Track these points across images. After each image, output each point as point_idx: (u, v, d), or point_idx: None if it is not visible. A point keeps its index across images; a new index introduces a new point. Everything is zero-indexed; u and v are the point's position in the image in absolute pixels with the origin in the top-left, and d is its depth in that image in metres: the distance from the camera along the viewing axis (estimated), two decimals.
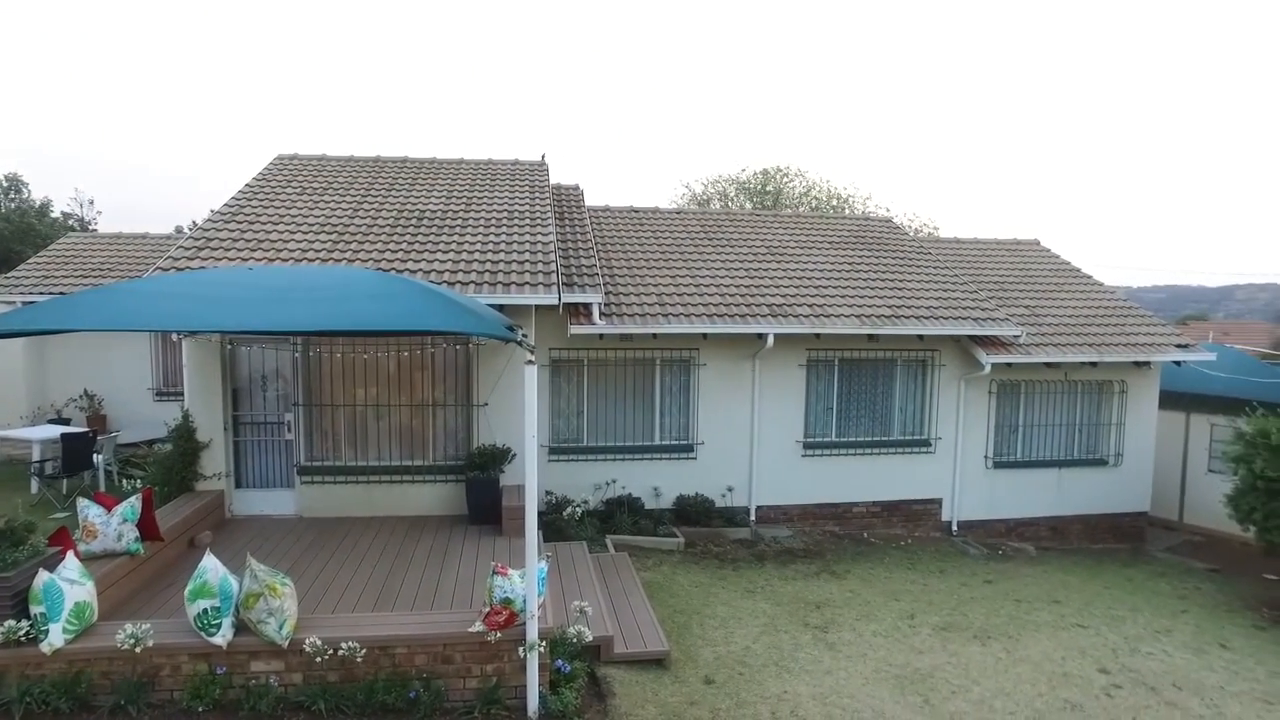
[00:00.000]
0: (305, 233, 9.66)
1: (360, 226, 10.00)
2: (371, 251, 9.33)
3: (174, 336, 12.04)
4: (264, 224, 9.83)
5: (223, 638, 5.29)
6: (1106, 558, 12.09)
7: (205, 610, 5.28)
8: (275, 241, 9.34)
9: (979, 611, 8.89)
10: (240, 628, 5.40)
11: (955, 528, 12.25)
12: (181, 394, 9.41)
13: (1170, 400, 13.86)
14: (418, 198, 11.18)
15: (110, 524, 6.48)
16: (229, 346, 8.96)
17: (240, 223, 9.80)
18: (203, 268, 8.43)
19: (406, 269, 8.96)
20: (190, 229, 18.02)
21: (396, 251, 9.41)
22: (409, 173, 12.24)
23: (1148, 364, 12.80)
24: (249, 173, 11.33)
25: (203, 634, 5.29)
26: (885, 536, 11.68)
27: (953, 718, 6.41)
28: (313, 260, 8.94)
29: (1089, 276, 15.18)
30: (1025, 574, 10.62)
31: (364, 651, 5.39)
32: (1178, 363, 12.93)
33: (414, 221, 10.33)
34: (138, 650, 5.22)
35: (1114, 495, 13.02)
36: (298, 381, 9.13)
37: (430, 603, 6.61)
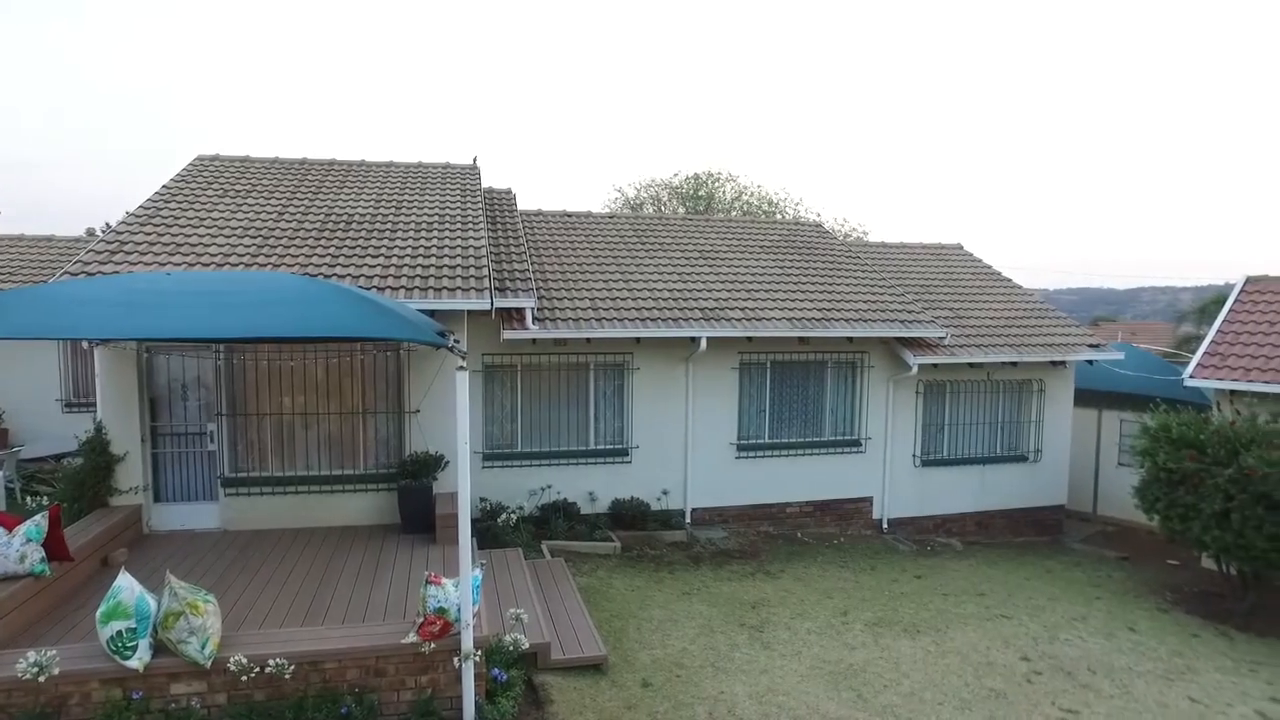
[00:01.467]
0: (228, 236, 9.33)
1: (286, 230, 9.72)
2: (298, 256, 9.07)
3: (84, 344, 11.47)
4: (183, 227, 9.47)
5: (139, 660, 5.04)
6: (1028, 550, 12.57)
7: (119, 632, 5.02)
8: (195, 245, 9.01)
9: (909, 606, 9.14)
10: (159, 649, 5.17)
11: (886, 525, 12.57)
12: (94, 405, 8.96)
13: (1084, 398, 14.52)
14: (346, 201, 10.93)
15: (11, 545, 6.11)
16: (146, 355, 8.59)
17: (158, 225, 9.41)
18: (116, 273, 8.07)
19: (334, 274, 8.74)
20: (103, 231, 17.22)
21: (324, 256, 9.17)
22: (336, 176, 11.95)
23: (1063, 363, 13.38)
24: (166, 175, 10.88)
25: (116, 658, 5.03)
26: (819, 535, 11.91)
27: (885, 710, 6.58)
28: (236, 265, 8.64)
29: (1009, 280, 15.78)
30: (952, 568, 10.96)
31: (292, 668, 5.23)
32: (1090, 362, 13.56)
33: (342, 225, 10.09)
34: (41, 680, 4.90)
35: (1034, 490, 13.56)
36: (221, 390, 8.81)
37: (362, 615, 6.46)
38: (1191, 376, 11.45)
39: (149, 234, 9.13)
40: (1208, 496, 9.39)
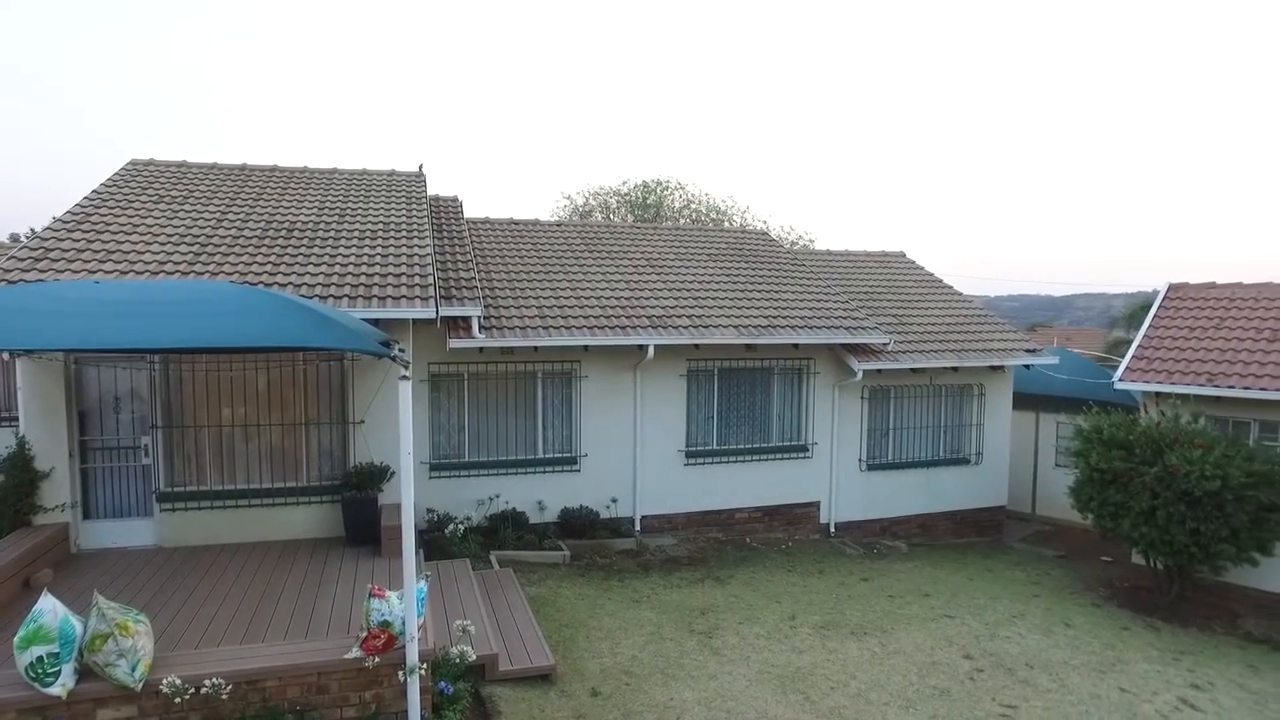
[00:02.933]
0: (163, 244, 9.06)
1: (225, 238, 9.48)
2: (237, 264, 8.85)
3: (3, 355, 11.01)
4: (115, 233, 9.15)
5: (61, 687, 4.79)
6: (970, 551, 12.89)
7: (40, 658, 4.75)
8: (128, 252, 8.72)
9: (856, 608, 9.29)
10: (85, 673, 4.94)
11: (833, 529, 12.75)
12: (16, 419, 8.60)
13: (1022, 401, 14.97)
14: (288, 208, 10.70)
15: None
16: (74, 365, 8.28)
17: (87, 231, 9.08)
18: (41, 280, 7.76)
19: (275, 283, 8.55)
20: (28, 237, 16.56)
21: (265, 265, 8.97)
22: (278, 182, 11.70)
23: (1002, 368, 13.77)
24: (96, 180, 10.43)
25: (36, 685, 4.77)
26: (767, 540, 12.03)
27: (832, 712, 6.67)
28: (171, 273, 8.39)
29: (950, 287, 16.19)
30: (898, 570, 11.18)
31: (229, 687, 5.09)
32: (1027, 366, 13.98)
33: (284, 233, 9.88)
34: None
35: (976, 492, 13.91)
36: (156, 402, 8.53)
37: (305, 630, 6.31)
38: (1121, 379, 11.88)
39: (77, 240, 8.81)
40: (1136, 495, 9.77)
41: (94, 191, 10.34)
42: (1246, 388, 10.47)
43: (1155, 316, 12.71)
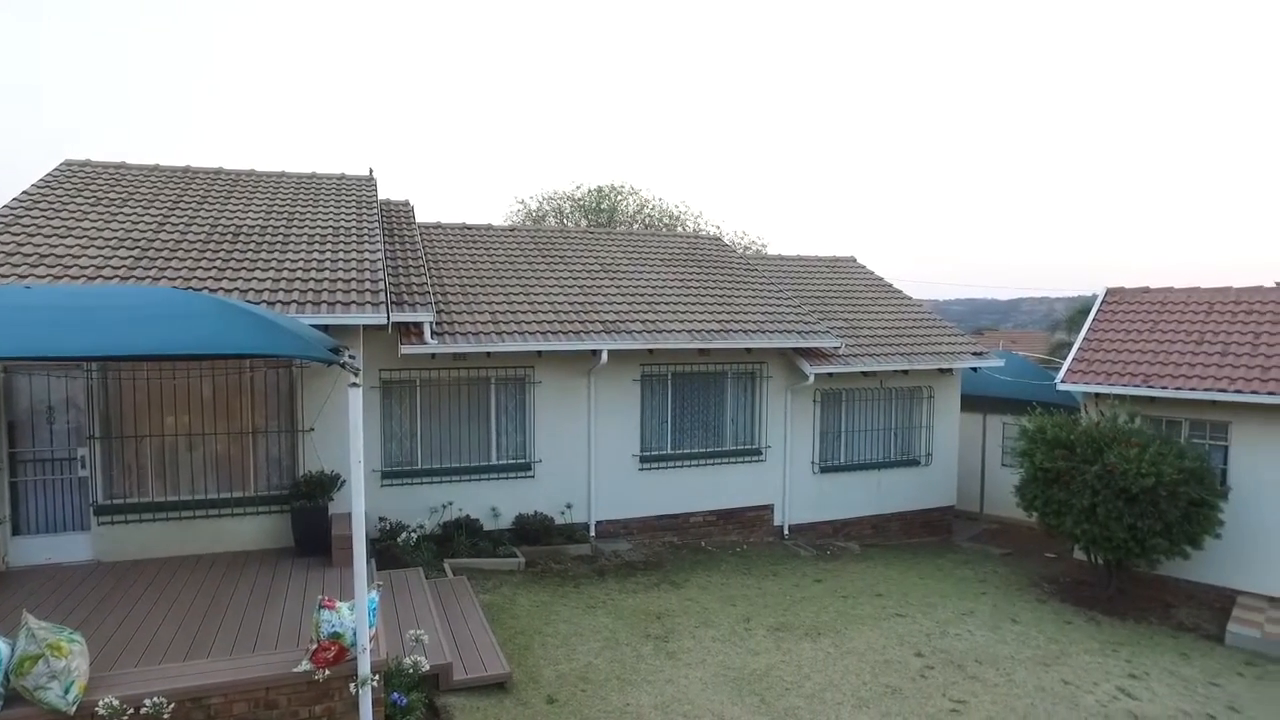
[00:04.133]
0: (100, 248, 8.77)
1: (167, 242, 9.21)
2: (180, 270, 8.62)
3: None
4: (48, 236, 8.83)
5: None
6: (921, 550, 13.14)
7: None
8: (63, 257, 8.42)
9: (809, 610, 9.40)
10: (12, 698, 4.72)
11: (787, 531, 12.89)
12: None
13: (970, 403, 15.32)
14: (233, 212, 10.45)
15: None
16: (2, 375, 7.96)
17: (17, 234, 8.75)
18: None
19: (220, 289, 8.34)
20: None
21: (209, 270, 8.75)
22: (223, 185, 11.42)
23: (950, 370, 14.08)
24: (26, 181, 9.98)
25: None
26: (722, 544, 12.11)
27: (787, 713, 6.73)
28: (109, 279, 8.12)
29: (899, 291, 16.50)
30: (851, 571, 11.34)
31: (172, 706, 4.93)
32: (975, 369, 14.32)
33: (229, 237, 9.65)
34: None
35: (926, 492, 14.19)
36: (93, 412, 8.24)
37: (252, 644, 6.15)
38: (1063, 381, 12.24)
39: (6, 244, 8.48)
40: (1078, 492, 10.07)
41: (24, 193, 9.97)
42: (1178, 388, 10.88)
43: (1094, 320, 13.13)
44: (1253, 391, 10.29)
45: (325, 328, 7.85)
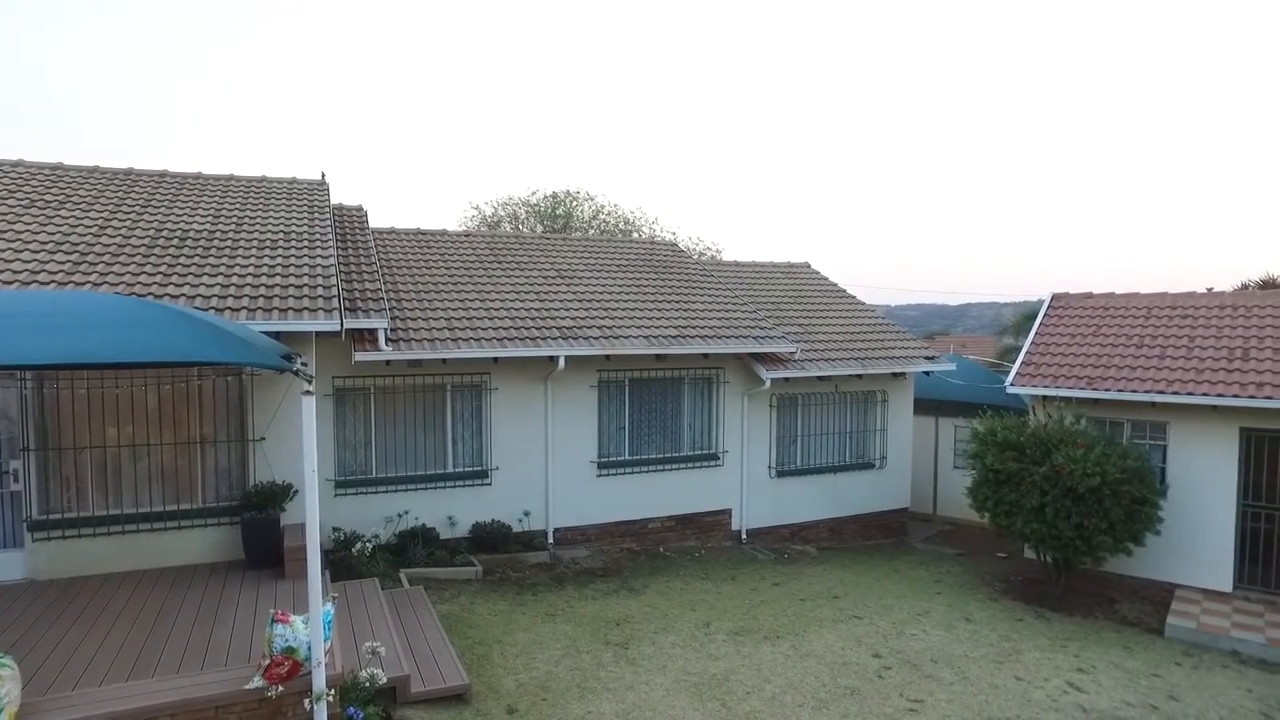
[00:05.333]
0: (35, 251, 8.45)
1: (109, 246, 8.91)
2: (123, 275, 8.34)
3: None
4: None
5: None
6: (877, 552, 13.32)
7: None
8: None
9: (768, 613, 9.45)
10: None
11: (745, 536, 12.96)
12: None
13: (922, 407, 15.60)
14: (180, 216, 10.16)
15: None
16: None
17: None
18: None
19: (167, 294, 8.10)
20: None
21: (154, 275, 8.49)
22: (169, 188, 11.10)
23: (903, 374, 14.33)
24: None
25: None
26: (680, 549, 12.12)
27: (748, 717, 6.75)
28: (46, 283, 7.83)
29: (853, 296, 16.75)
30: (809, 574, 11.44)
31: None
32: (927, 373, 14.59)
33: (175, 242, 9.38)
34: None
35: (881, 495, 14.40)
36: (28, 422, 7.92)
37: (201, 662, 5.96)
38: (1011, 384, 12.53)
39: None
40: (1027, 493, 10.31)
41: None
42: (1120, 390, 11.22)
43: (1040, 325, 13.48)
44: (1188, 393, 10.66)
45: (277, 335, 7.67)
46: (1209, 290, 13.45)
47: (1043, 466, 10.20)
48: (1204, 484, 10.86)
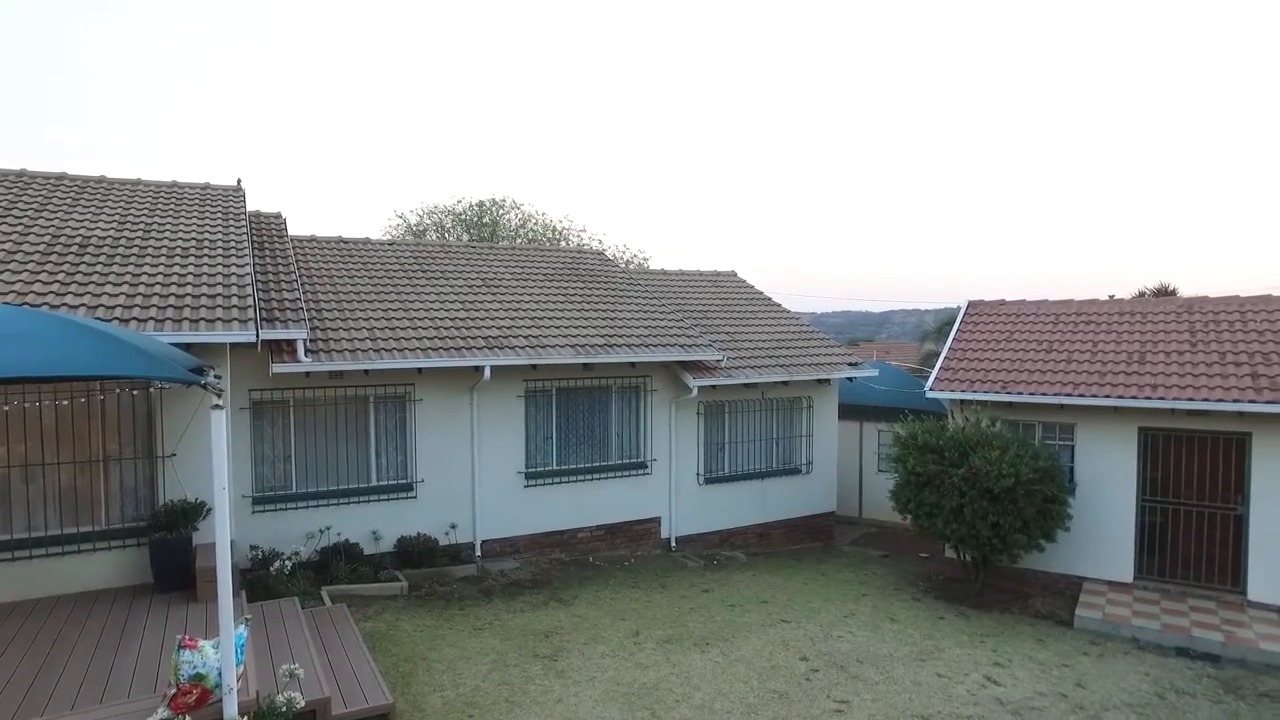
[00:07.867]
0: None
1: None
2: (14, 283, 7.88)
3: None
4: None
5: None
6: (805, 556, 13.54)
7: None
8: None
9: (698, 620, 9.49)
10: None
11: (674, 543, 13.00)
12: None
13: (847, 412, 15.97)
14: (80, 221, 9.67)
15: None
16: None
17: None
18: None
19: (64, 304, 7.68)
20: None
21: (50, 284, 8.05)
22: (67, 192, 10.55)
23: (828, 381, 14.63)
24: None
25: None
26: (610, 559, 12.08)
27: None
28: None
29: (779, 305, 17.05)
30: (738, 580, 11.54)
31: None
32: (851, 379, 14.94)
33: (75, 248, 8.92)
34: None
35: (808, 499, 14.65)
36: None
37: (100, 695, 5.64)
38: (931, 389, 12.94)
39: None
40: (947, 494, 10.64)
41: None
42: (1031, 394, 11.71)
43: (957, 331, 13.97)
44: (1092, 395, 11.20)
45: (188, 346, 7.37)
46: (1111, 298, 14.19)
47: (961, 469, 10.54)
48: (1108, 481, 11.42)
